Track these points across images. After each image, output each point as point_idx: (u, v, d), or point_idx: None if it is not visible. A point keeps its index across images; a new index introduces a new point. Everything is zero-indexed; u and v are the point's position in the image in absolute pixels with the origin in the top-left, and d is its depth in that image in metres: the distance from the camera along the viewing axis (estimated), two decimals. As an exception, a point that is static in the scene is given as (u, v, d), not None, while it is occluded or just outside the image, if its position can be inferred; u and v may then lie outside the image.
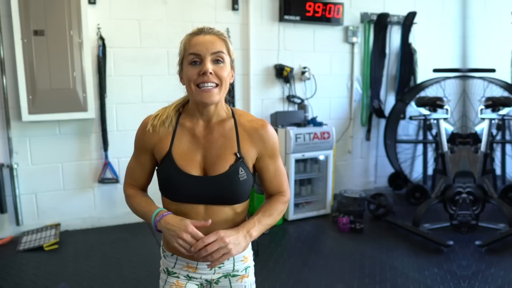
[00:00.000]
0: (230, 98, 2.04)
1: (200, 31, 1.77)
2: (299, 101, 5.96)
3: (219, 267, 1.89)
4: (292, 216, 5.47)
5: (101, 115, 5.03)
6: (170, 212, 1.78)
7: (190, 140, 1.83)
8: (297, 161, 5.46)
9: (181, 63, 1.82)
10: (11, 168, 4.79)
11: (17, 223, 4.89)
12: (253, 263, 2.01)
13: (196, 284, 1.94)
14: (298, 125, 5.49)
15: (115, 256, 4.45)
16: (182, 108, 1.90)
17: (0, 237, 4.85)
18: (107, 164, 5.16)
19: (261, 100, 5.86)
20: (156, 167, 1.90)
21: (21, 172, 4.88)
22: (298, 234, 5.07)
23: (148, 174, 1.95)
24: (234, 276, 1.94)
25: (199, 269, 1.89)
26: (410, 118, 5.66)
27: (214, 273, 1.91)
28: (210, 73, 1.69)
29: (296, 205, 5.61)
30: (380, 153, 6.72)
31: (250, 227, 1.77)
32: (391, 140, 6.35)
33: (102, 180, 5.17)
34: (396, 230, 5.10)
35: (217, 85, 1.72)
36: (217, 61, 1.73)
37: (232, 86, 5.53)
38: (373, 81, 6.41)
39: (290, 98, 5.96)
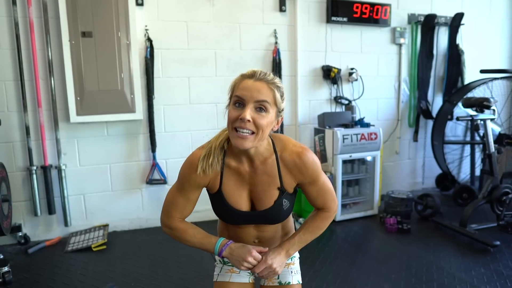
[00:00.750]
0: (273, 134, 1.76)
1: (252, 75, 1.56)
2: (346, 102, 5.14)
3: None
4: (339, 217, 4.75)
5: (149, 116, 4.33)
6: (231, 241, 1.76)
7: (237, 178, 1.72)
8: (344, 162, 4.68)
9: (229, 99, 1.62)
10: (59, 169, 4.15)
11: (65, 224, 4.27)
12: (298, 254, 2.01)
13: (248, 272, 1.92)
14: (346, 126, 4.72)
15: (163, 257, 3.89)
16: (227, 142, 1.69)
17: (48, 238, 4.26)
18: (155, 165, 4.46)
19: (309, 101, 5.05)
20: (208, 192, 1.80)
21: (69, 173, 4.23)
22: (345, 234, 4.43)
23: (194, 205, 1.81)
24: None
25: None
26: (457, 119, 4.90)
27: None
28: (248, 120, 1.50)
29: (344, 206, 4.87)
30: (428, 154, 5.84)
31: (289, 247, 1.77)
32: (438, 141, 5.53)
33: (150, 181, 4.47)
34: (443, 230, 4.51)
35: (253, 132, 1.53)
36: (260, 108, 1.53)
37: (281, 125, 4.78)
38: (420, 82, 5.53)
39: (337, 99, 5.12)
